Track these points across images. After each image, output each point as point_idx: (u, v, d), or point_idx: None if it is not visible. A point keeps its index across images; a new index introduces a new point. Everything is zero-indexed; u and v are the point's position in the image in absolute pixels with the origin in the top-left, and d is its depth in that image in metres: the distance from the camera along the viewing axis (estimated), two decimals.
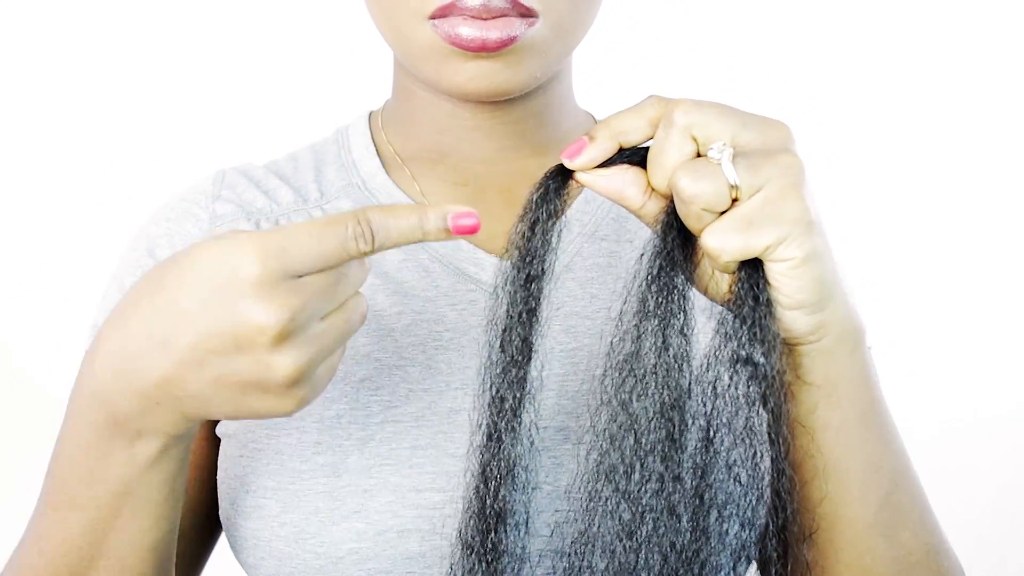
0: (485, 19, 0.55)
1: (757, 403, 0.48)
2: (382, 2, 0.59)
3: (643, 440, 0.47)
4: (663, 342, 0.47)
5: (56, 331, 1.41)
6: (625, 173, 0.49)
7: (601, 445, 0.48)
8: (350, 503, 0.56)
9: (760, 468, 0.48)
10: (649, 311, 0.47)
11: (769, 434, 0.49)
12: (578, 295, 0.63)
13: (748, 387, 0.48)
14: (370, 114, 0.71)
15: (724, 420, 0.48)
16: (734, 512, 0.49)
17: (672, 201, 0.48)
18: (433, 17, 0.56)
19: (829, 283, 0.48)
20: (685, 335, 0.47)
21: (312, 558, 0.56)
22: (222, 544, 0.67)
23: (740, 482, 0.48)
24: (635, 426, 0.47)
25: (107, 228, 1.37)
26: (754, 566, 0.60)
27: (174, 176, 0.97)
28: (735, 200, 0.45)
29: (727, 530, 0.49)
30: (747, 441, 0.48)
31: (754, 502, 0.49)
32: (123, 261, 0.66)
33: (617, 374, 0.48)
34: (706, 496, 0.47)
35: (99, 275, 0.71)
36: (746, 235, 0.45)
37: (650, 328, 0.47)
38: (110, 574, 0.52)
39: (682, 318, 0.47)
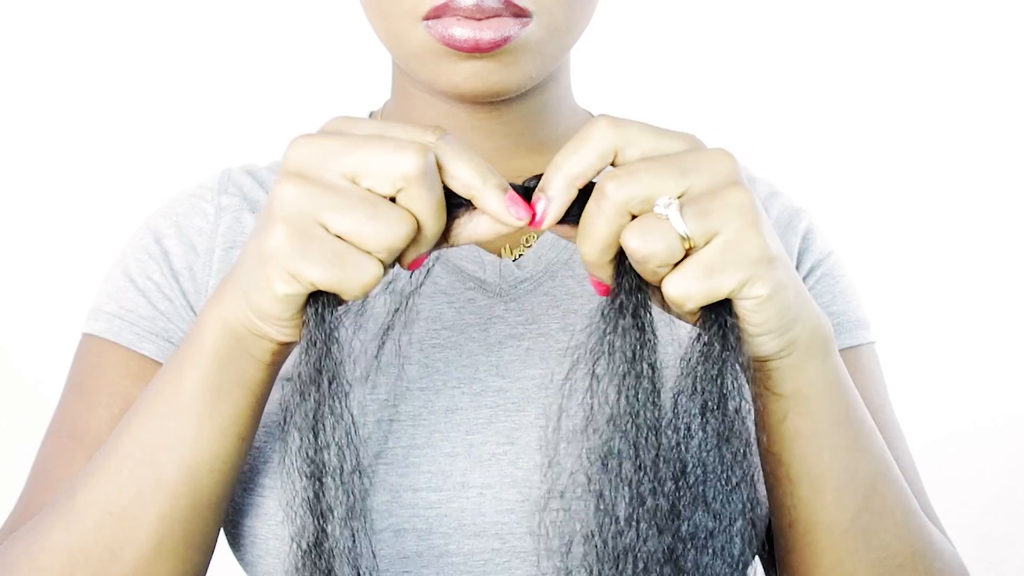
0: (479, 19, 0.55)
1: (727, 436, 0.47)
2: (376, 3, 0.59)
3: (612, 506, 0.46)
4: (628, 404, 0.46)
5: (52, 333, 1.42)
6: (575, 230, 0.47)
7: (577, 510, 0.48)
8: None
9: (733, 498, 0.48)
10: (612, 373, 0.46)
11: (741, 464, 0.48)
12: (576, 292, 0.63)
13: (720, 421, 0.47)
14: (370, 114, 0.71)
15: (698, 459, 0.47)
16: (709, 545, 0.48)
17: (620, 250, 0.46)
18: (427, 18, 0.56)
19: (795, 306, 0.47)
20: (653, 391, 0.46)
21: None
22: (221, 543, 0.66)
23: (715, 516, 0.48)
24: (602, 490, 0.46)
25: (106, 229, 1.37)
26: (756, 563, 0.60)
27: (174, 177, 0.98)
28: (689, 248, 0.44)
29: (705, 563, 0.48)
30: (718, 473, 0.47)
31: (731, 532, 0.48)
32: (128, 248, 0.67)
33: (587, 433, 0.47)
34: (683, 531, 0.47)
35: (97, 276, 0.71)
36: (709, 282, 0.44)
37: (614, 389, 0.46)
38: (132, 472, 0.51)
39: (648, 378, 0.46)
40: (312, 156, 0.44)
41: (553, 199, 0.45)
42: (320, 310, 0.46)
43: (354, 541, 0.48)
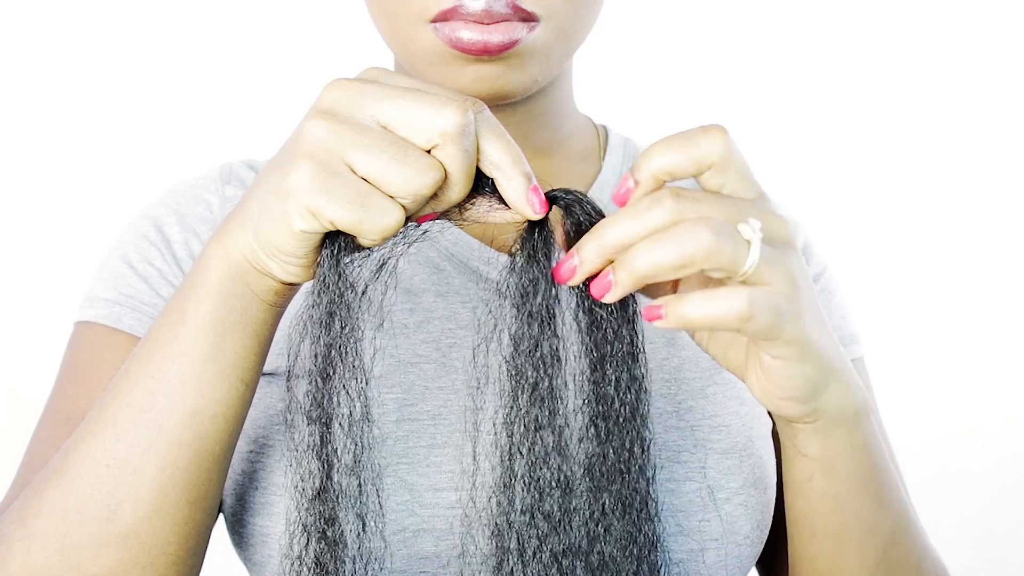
0: (487, 24, 0.55)
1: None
2: (383, 5, 0.59)
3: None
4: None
5: (34, 334, 1.41)
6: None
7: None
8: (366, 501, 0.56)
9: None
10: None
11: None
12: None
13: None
14: None
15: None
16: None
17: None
18: (435, 21, 0.56)
19: (823, 378, 0.46)
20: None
21: None
22: (224, 541, 0.65)
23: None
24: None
25: (102, 231, 1.36)
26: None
27: (157, 180, 0.98)
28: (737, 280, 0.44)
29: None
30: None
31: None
32: (125, 236, 0.66)
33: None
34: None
35: (77, 278, 0.71)
36: (771, 316, 0.43)
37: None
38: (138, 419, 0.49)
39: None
40: (346, 98, 0.43)
41: (640, 184, 0.45)
42: (336, 252, 0.44)
43: (360, 490, 0.47)
